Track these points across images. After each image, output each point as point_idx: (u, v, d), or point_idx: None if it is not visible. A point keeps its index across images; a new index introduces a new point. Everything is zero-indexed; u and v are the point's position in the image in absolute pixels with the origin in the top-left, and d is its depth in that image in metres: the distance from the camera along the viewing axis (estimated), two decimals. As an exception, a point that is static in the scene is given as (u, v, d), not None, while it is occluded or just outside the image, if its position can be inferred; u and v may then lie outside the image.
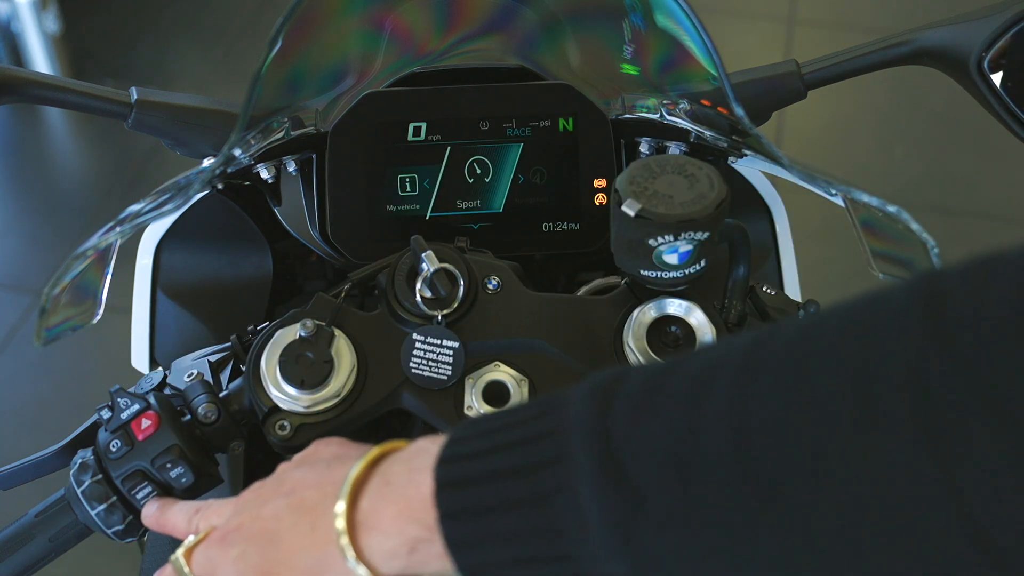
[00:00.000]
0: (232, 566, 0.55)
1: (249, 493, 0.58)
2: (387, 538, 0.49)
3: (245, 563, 0.54)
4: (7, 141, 2.71)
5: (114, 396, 0.68)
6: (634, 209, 0.61)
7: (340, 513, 0.51)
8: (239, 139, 0.70)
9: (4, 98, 0.76)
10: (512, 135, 0.82)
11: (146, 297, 0.91)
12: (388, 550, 0.49)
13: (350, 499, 0.51)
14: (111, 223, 0.67)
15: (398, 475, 0.51)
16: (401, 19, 0.86)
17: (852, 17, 3.00)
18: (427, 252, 0.70)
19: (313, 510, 0.53)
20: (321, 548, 0.51)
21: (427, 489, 0.48)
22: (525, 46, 0.87)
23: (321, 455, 0.57)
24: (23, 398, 2.07)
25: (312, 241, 0.84)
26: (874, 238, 0.71)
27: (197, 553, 0.58)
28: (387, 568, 0.50)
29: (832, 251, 2.08)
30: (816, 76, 0.82)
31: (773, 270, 0.94)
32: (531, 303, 0.71)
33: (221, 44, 2.91)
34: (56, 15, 2.67)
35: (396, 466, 0.51)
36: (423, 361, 0.69)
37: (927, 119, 2.65)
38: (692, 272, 0.65)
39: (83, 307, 0.70)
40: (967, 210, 2.43)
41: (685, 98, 0.80)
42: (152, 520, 0.65)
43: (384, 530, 0.50)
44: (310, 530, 0.52)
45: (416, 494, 0.49)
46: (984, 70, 0.78)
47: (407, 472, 0.50)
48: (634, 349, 0.68)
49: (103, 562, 1.75)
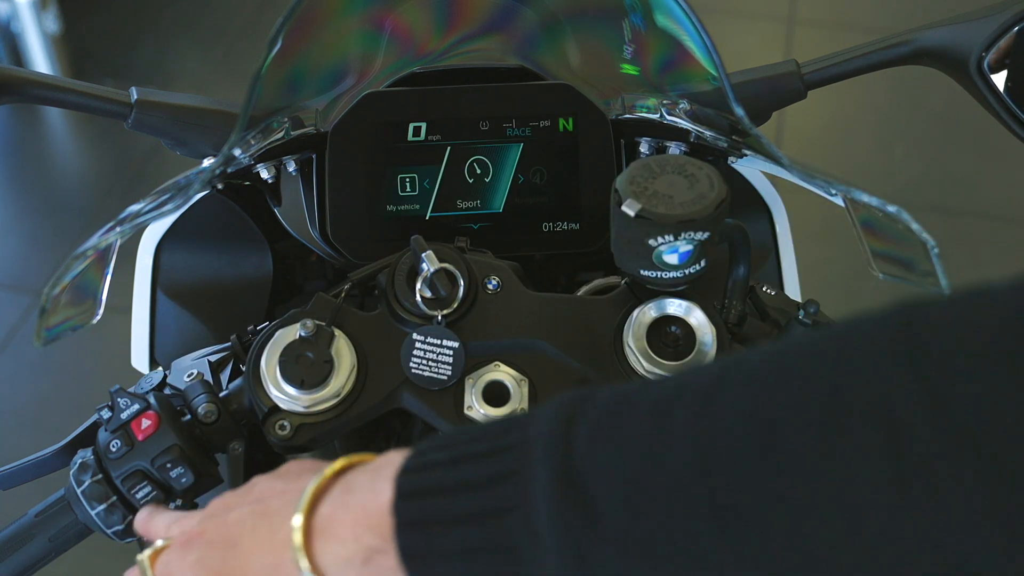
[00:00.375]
0: (189, 570, 0.54)
1: (219, 500, 0.58)
2: (342, 546, 0.49)
3: (202, 567, 0.54)
4: (7, 141, 2.71)
5: (114, 396, 0.68)
6: (634, 209, 0.61)
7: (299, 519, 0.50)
8: (239, 139, 0.70)
9: (4, 98, 0.76)
10: (512, 135, 0.82)
11: (146, 297, 0.91)
12: (343, 558, 0.49)
13: (309, 506, 0.50)
14: (111, 223, 0.67)
15: (360, 484, 0.50)
16: (401, 19, 0.86)
17: (852, 17, 3.01)
18: (427, 252, 0.70)
19: (275, 516, 0.52)
20: (278, 554, 0.51)
21: (386, 498, 0.47)
22: (525, 46, 0.87)
23: (292, 469, 0.57)
24: (23, 398, 2.07)
25: (312, 241, 0.84)
26: (874, 238, 0.71)
27: (161, 557, 0.57)
28: None
29: (832, 251, 2.08)
30: (816, 76, 0.82)
31: (773, 270, 0.94)
32: (531, 303, 0.71)
33: (221, 44, 2.91)
34: (56, 15, 2.67)
35: (360, 475, 0.51)
36: (423, 361, 0.69)
37: (927, 119, 2.65)
38: (692, 272, 0.65)
39: (83, 307, 0.70)
40: (967, 210, 2.43)
41: (685, 98, 0.80)
42: (140, 526, 0.65)
43: (340, 538, 0.49)
44: (269, 536, 0.52)
45: (375, 502, 0.48)
46: (984, 70, 0.78)
47: (370, 481, 0.49)
48: (634, 349, 0.68)
49: (103, 562, 1.74)
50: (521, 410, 0.68)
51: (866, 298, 2.11)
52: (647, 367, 0.68)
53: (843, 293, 2.13)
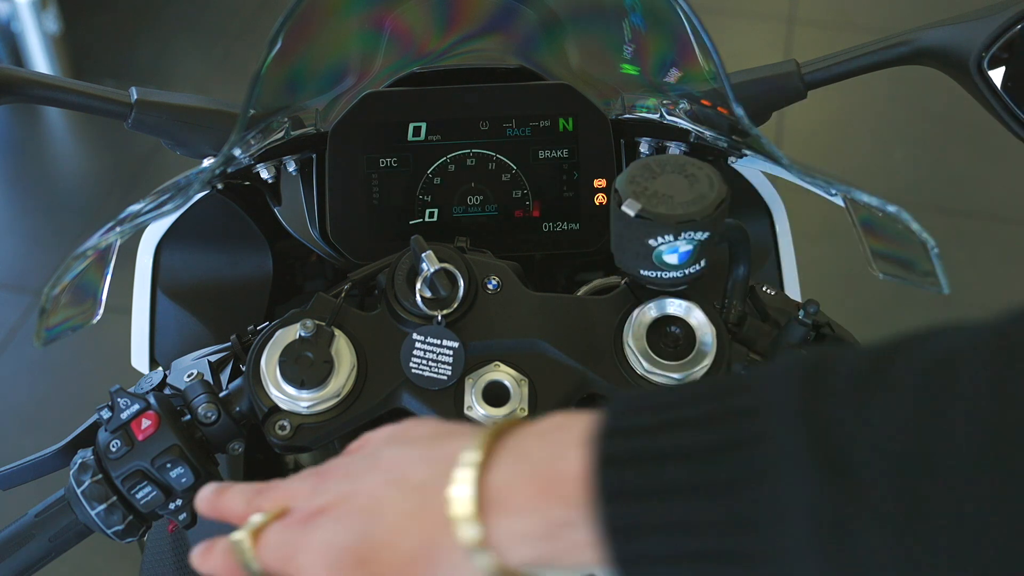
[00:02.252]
0: (317, 551, 0.48)
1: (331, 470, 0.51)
2: (522, 519, 0.43)
3: (335, 547, 0.47)
4: (7, 141, 2.71)
5: (114, 396, 0.68)
6: (634, 209, 0.61)
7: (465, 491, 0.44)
8: (239, 139, 0.70)
9: (4, 98, 0.76)
10: (512, 135, 0.82)
11: (146, 297, 0.91)
12: (522, 533, 0.43)
13: (480, 474, 0.45)
14: (111, 223, 0.67)
15: (535, 450, 0.45)
16: (401, 19, 0.86)
17: (852, 17, 3.00)
18: (427, 252, 0.70)
19: (422, 489, 0.47)
20: (431, 531, 0.45)
21: (577, 465, 0.42)
22: (525, 46, 0.87)
23: (416, 432, 0.51)
24: (23, 398, 2.07)
25: (312, 241, 0.84)
26: (874, 238, 0.71)
27: (269, 535, 0.50)
28: (516, 555, 0.44)
29: (832, 251, 2.08)
30: (816, 76, 0.82)
31: (773, 270, 0.94)
32: (531, 303, 0.71)
33: (221, 44, 2.91)
34: (56, 15, 2.67)
35: (531, 440, 0.45)
36: (423, 361, 0.69)
37: (927, 119, 2.65)
38: (692, 272, 0.65)
39: (83, 307, 0.70)
40: (967, 210, 2.43)
41: (685, 98, 0.80)
42: (207, 504, 0.56)
43: (518, 510, 0.43)
44: (418, 510, 0.46)
45: (563, 470, 0.43)
46: (984, 70, 0.78)
47: (548, 446, 0.44)
48: (634, 349, 0.68)
49: (103, 562, 1.75)
50: (523, 398, 0.67)
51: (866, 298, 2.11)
52: (647, 367, 0.68)
53: (843, 293, 2.13)
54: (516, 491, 0.44)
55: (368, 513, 0.48)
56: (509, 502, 0.44)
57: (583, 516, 0.42)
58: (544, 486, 0.43)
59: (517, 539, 0.44)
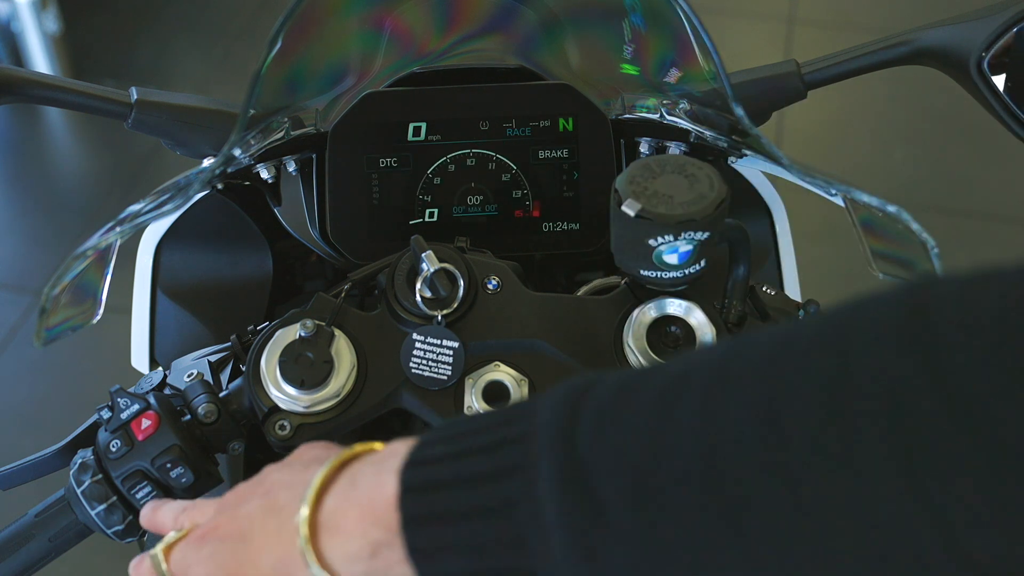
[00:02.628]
0: (203, 564, 0.54)
1: (232, 493, 0.57)
2: (349, 541, 0.48)
3: (214, 562, 0.54)
4: (7, 141, 2.71)
5: (114, 396, 0.68)
6: (634, 209, 0.61)
7: (304, 514, 0.49)
8: (239, 139, 0.70)
9: (4, 98, 0.76)
10: (512, 135, 0.82)
11: (146, 297, 0.91)
12: (349, 553, 0.48)
13: (314, 500, 0.50)
14: (111, 223, 0.67)
15: (366, 477, 0.49)
16: (401, 19, 0.86)
17: (852, 17, 3.01)
18: (427, 252, 0.70)
19: (282, 511, 0.52)
20: (286, 548, 0.50)
21: (392, 491, 0.47)
22: (525, 46, 0.87)
23: (303, 457, 0.56)
24: (23, 398, 2.07)
25: (312, 241, 0.84)
26: (874, 238, 0.71)
27: (175, 551, 0.57)
28: (347, 572, 0.48)
29: (832, 251, 2.08)
30: (816, 76, 0.82)
31: (773, 270, 0.94)
32: (531, 303, 0.71)
33: (221, 44, 2.91)
34: (56, 15, 2.67)
35: (365, 467, 0.50)
36: (423, 361, 0.69)
37: (927, 119, 2.65)
38: (692, 272, 0.65)
39: (83, 307, 0.70)
40: (967, 210, 2.43)
41: (685, 98, 0.80)
42: (145, 519, 0.64)
43: (347, 532, 0.48)
44: (277, 530, 0.51)
45: (381, 496, 0.47)
46: (984, 70, 0.78)
47: (375, 474, 0.49)
48: (634, 349, 0.68)
49: (103, 562, 1.75)
50: (522, 397, 0.68)
51: (866, 298, 2.10)
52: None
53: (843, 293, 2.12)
54: (344, 515, 0.49)
55: (241, 534, 0.53)
56: (339, 525, 0.49)
57: (398, 538, 0.46)
58: (366, 511, 0.48)
59: (349, 558, 0.48)
